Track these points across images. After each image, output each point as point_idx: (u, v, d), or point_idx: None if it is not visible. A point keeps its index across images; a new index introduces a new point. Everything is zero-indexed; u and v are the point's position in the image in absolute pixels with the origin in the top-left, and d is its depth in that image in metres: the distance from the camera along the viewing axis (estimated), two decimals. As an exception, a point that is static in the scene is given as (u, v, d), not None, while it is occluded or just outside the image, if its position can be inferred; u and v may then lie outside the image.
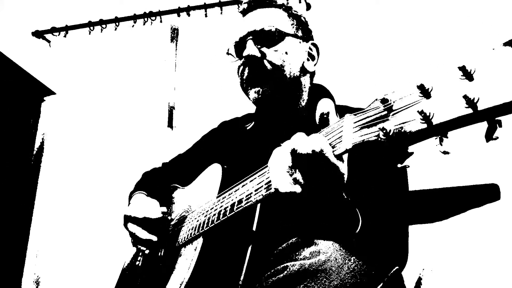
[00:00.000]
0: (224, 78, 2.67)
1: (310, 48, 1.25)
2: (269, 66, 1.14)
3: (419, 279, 1.82)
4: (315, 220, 0.79)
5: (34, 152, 2.83)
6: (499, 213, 1.87)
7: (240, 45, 1.19)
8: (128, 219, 1.24)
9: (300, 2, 2.77)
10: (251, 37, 1.16)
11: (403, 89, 0.61)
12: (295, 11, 1.26)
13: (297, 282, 0.74)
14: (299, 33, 1.23)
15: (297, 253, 0.77)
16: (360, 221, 0.79)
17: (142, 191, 1.40)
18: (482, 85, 0.51)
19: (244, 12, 1.25)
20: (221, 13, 2.79)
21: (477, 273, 1.92)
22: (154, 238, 1.19)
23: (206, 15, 2.82)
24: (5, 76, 2.63)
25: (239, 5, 1.29)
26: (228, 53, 1.24)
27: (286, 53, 1.16)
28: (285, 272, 0.76)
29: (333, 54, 2.45)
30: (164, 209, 1.25)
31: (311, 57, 1.25)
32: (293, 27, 1.22)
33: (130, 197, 1.44)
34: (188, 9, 2.84)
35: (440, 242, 1.92)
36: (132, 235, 1.23)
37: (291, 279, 0.75)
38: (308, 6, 2.73)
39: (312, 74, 1.27)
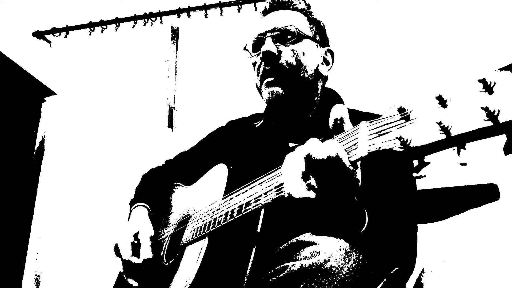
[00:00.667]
0: (224, 79, 2.67)
1: (325, 53, 1.27)
2: (285, 64, 1.14)
3: (419, 279, 1.83)
4: (323, 222, 0.78)
5: (35, 152, 2.83)
6: (499, 213, 1.87)
7: (258, 42, 1.20)
8: (116, 250, 1.23)
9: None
10: (270, 34, 1.17)
11: (420, 98, 0.60)
12: (315, 16, 1.28)
13: (297, 282, 0.73)
14: (317, 38, 1.25)
15: (297, 253, 0.77)
16: (366, 220, 0.79)
17: (143, 203, 1.37)
18: (502, 98, 0.51)
19: (265, 12, 1.27)
20: (221, 14, 2.79)
21: (476, 273, 1.92)
22: (135, 284, 1.18)
23: (206, 16, 2.82)
24: (5, 77, 2.63)
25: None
26: (245, 49, 1.25)
27: (303, 53, 1.17)
28: (285, 271, 0.76)
29: (338, 56, 2.46)
30: (150, 255, 1.19)
31: (325, 62, 1.27)
32: (312, 30, 1.24)
33: (131, 205, 1.41)
34: (188, 10, 2.84)
35: (440, 242, 1.92)
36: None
37: (291, 279, 0.74)
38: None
39: (325, 79, 1.28)
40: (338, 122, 0.76)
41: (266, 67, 1.15)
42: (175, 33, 2.95)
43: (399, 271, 0.83)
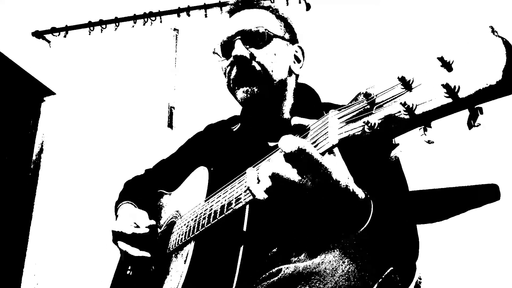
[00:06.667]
0: (224, 78, 2.66)
1: (296, 51, 1.25)
2: (258, 67, 1.12)
3: (419, 279, 1.82)
4: (316, 220, 0.77)
5: (34, 152, 2.83)
6: (499, 214, 1.87)
7: (227, 45, 1.17)
8: (117, 235, 1.20)
9: (300, 2, 2.77)
10: (239, 37, 1.14)
11: (385, 82, 0.62)
12: (282, 13, 1.25)
13: (292, 285, 0.73)
14: (286, 36, 1.22)
15: (291, 255, 0.76)
16: (370, 217, 0.77)
17: (128, 201, 1.36)
18: (461, 74, 0.53)
19: (231, 12, 1.24)
20: (221, 13, 2.79)
21: (477, 273, 1.92)
22: (147, 255, 1.16)
23: (206, 15, 2.82)
24: (5, 76, 2.62)
25: (221, 8, 1.30)
26: (214, 53, 1.23)
27: (275, 54, 1.15)
28: (280, 275, 0.75)
29: (327, 53, 2.46)
30: (153, 221, 1.19)
31: (297, 59, 1.25)
32: (281, 29, 1.21)
33: (116, 209, 1.41)
34: (188, 9, 2.84)
35: (440, 242, 1.92)
36: (123, 252, 1.19)
37: (285, 282, 0.74)
38: (308, 6, 2.73)
39: (297, 76, 1.27)
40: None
41: (239, 71, 1.13)
42: (175, 32, 2.94)
43: (394, 272, 0.82)
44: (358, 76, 2.38)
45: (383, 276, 0.78)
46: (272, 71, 1.13)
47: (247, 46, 1.14)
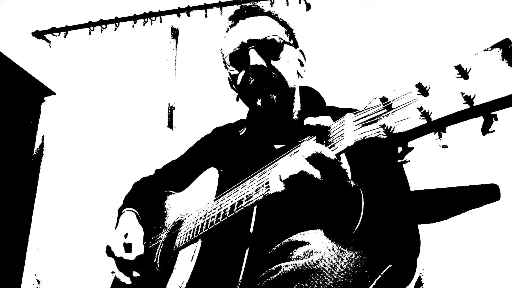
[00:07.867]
0: (224, 79, 2.66)
1: (299, 55, 1.28)
2: (275, 76, 1.14)
3: (419, 279, 1.82)
4: (321, 214, 0.79)
5: (34, 152, 2.83)
6: (499, 213, 1.87)
7: (239, 54, 1.17)
8: (108, 250, 1.24)
9: (300, 2, 2.77)
10: (252, 46, 1.15)
11: (401, 87, 0.63)
12: (282, 19, 1.26)
13: (291, 282, 0.73)
14: (291, 41, 1.24)
15: (290, 253, 0.77)
16: (362, 214, 0.79)
17: (132, 208, 1.38)
18: (477, 82, 0.54)
19: (235, 20, 1.24)
20: (221, 13, 2.79)
21: (477, 273, 1.92)
22: (128, 282, 1.19)
23: (206, 16, 2.82)
24: (5, 76, 2.62)
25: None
26: (224, 62, 1.25)
27: (288, 61, 1.18)
28: (279, 272, 0.76)
29: (327, 53, 2.45)
30: (142, 251, 1.21)
31: (300, 63, 1.28)
32: (287, 35, 1.24)
33: (119, 212, 1.43)
34: (188, 10, 2.84)
35: (440, 242, 1.92)
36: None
37: (285, 280, 0.74)
38: (308, 7, 2.73)
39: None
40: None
41: (257, 81, 1.14)
42: (175, 32, 2.94)
43: (393, 269, 0.82)
44: (357, 76, 2.38)
45: (381, 273, 0.78)
46: (286, 77, 1.16)
47: (262, 56, 1.15)
